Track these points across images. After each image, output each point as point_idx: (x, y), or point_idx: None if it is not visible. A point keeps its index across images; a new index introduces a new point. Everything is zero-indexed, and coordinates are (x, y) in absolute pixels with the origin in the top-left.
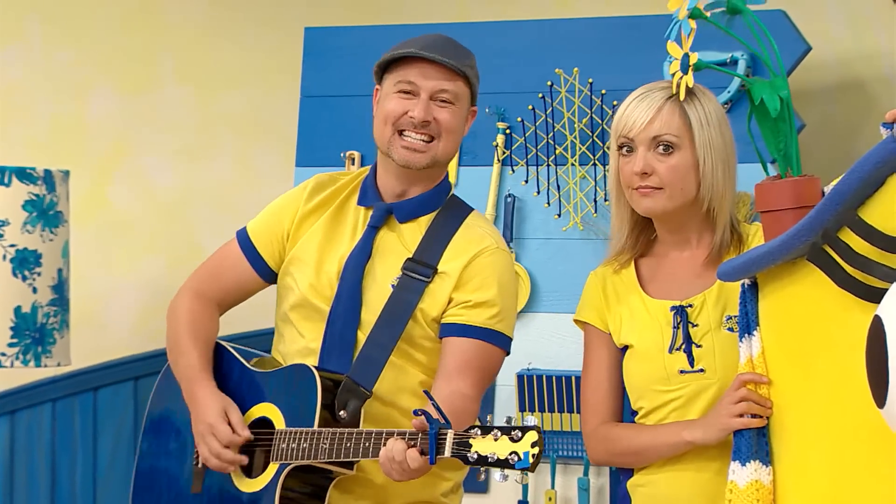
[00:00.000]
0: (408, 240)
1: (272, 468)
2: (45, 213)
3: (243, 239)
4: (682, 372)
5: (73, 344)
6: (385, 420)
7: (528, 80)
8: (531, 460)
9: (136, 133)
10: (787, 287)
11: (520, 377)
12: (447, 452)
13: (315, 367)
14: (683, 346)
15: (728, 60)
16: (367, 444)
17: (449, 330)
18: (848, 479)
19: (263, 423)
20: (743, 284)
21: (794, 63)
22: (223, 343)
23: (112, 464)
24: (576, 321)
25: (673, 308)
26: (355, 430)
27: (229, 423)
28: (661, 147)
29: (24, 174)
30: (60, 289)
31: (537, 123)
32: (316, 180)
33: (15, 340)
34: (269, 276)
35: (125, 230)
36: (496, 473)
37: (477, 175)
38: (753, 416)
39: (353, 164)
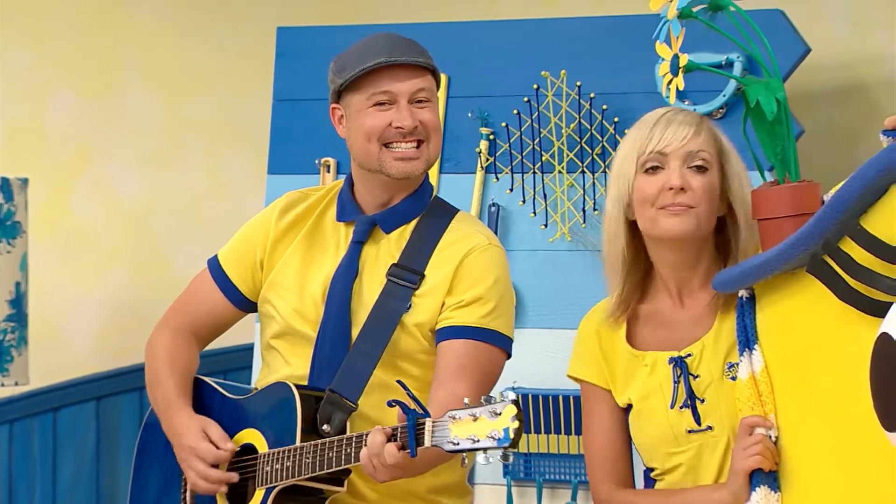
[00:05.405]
0: (394, 249)
1: (258, 495)
2: (3, 224)
3: (215, 267)
4: (689, 432)
5: (32, 362)
6: None
7: (513, 82)
8: (511, 436)
9: (99, 139)
10: (786, 299)
11: None
12: (427, 442)
13: (293, 384)
14: (687, 402)
15: (724, 63)
16: (348, 450)
17: (441, 335)
18: (856, 502)
19: (249, 451)
20: (740, 297)
21: (793, 65)
22: (204, 378)
23: (73, 489)
24: (570, 377)
25: (671, 360)
26: (336, 437)
27: (210, 441)
28: (697, 163)
29: None
30: (18, 303)
31: (523, 129)
32: (286, 199)
33: None
34: (245, 305)
35: (87, 241)
36: (479, 456)
37: (459, 183)
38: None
39: (328, 171)
